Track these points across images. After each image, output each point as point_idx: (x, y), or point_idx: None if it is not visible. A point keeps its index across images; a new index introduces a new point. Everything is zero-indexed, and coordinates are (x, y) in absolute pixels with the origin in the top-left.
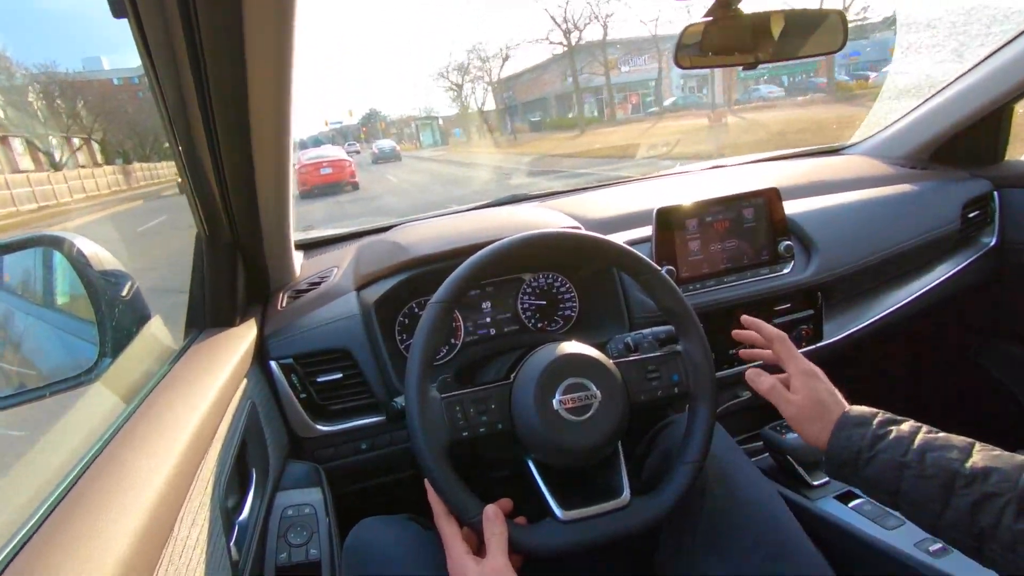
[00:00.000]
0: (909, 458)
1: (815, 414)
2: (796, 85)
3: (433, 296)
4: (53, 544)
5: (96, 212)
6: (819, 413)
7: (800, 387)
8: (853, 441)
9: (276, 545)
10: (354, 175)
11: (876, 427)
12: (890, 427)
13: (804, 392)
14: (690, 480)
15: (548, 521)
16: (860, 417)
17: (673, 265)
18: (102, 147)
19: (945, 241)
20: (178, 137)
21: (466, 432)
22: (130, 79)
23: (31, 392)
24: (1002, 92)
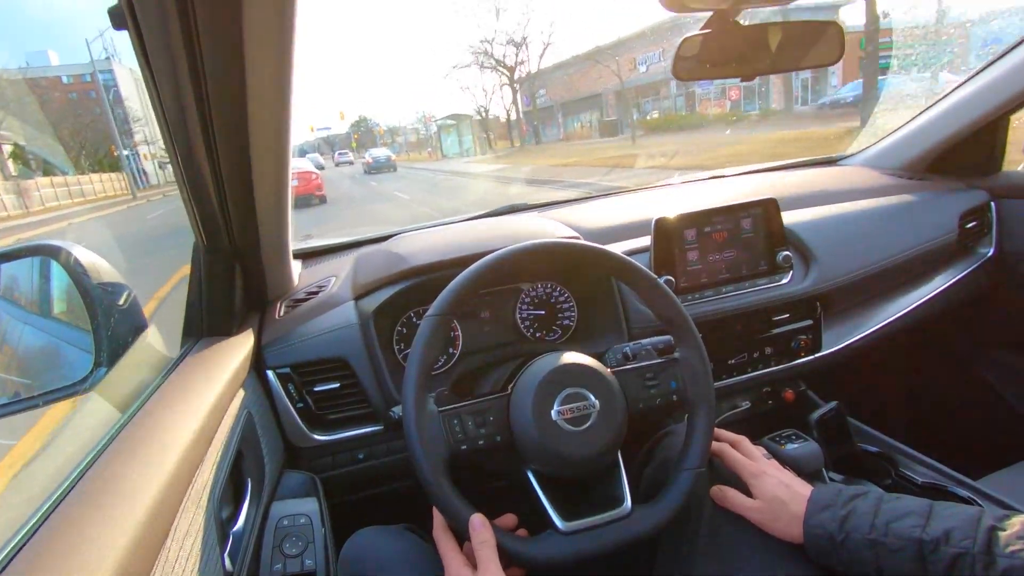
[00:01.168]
0: (876, 535)
1: (776, 513)
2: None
3: (430, 308)
4: (45, 554)
5: None
6: (780, 510)
7: (756, 491)
8: (825, 527)
9: (271, 556)
10: (321, 188)
11: (841, 507)
12: (853, 503)
13: (760, 494)
14: (691, 487)
15: (549, 533)
16: (825, 500)
17: (672, 275)
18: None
19: (943, 251)
20: (177, 146)
21: (465, 446)
22: (81, 76)
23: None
24: (999, 103)
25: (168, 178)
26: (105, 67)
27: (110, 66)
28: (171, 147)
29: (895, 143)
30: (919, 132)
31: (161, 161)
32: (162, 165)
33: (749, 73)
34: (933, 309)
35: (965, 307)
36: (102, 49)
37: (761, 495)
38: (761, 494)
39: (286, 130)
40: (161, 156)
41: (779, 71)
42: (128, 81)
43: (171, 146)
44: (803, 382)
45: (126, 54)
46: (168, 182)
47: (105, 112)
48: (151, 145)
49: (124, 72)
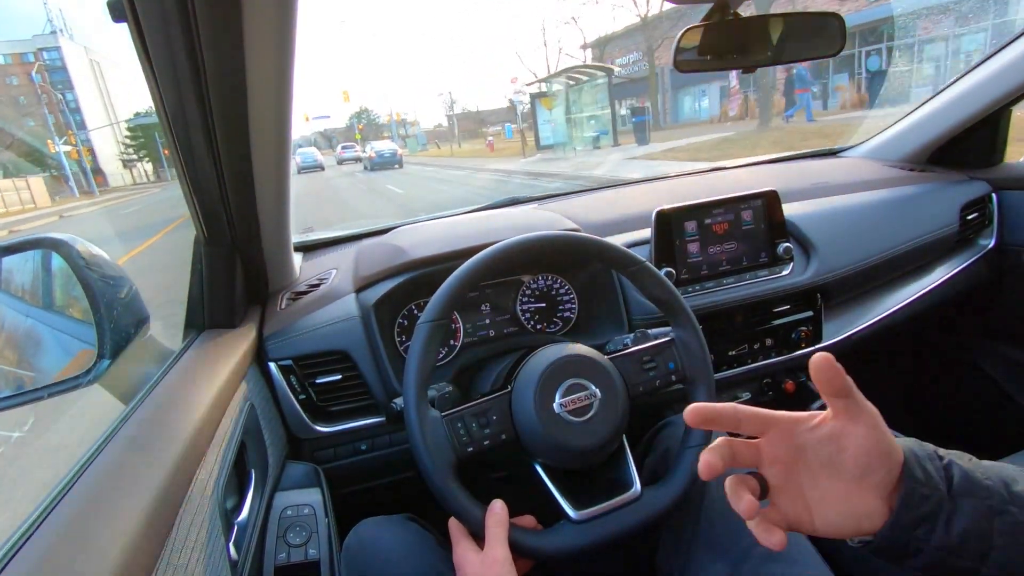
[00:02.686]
0: (996, 500)
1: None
2: None
3: (422, 315)
4: (51, 545)
5: None
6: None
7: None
8: (932, 487)
9: (275, 545)
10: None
11: (937, 459)
12: (945, 458)
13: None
14: (697, 465)
15: (563, 523)
16: (922, 450)
17: (672, 267)
18: None
19: (944, 243)
20: (177, 139)
21: (471, 448)
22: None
23: (29, 394)
24: (1001, 94)
25: (137, 179)
26: (50, 44)
27: (56, 42)
28: (171, 140)
29: (896, 135)
30: (920, 124)
31: (126, 159)
32: (128, 164)
33: (750, 65)
34: (934, 301)
35: (966, 299)
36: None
37: (857, 420)
38: (857, 418)
39: (287, 122)
40: (126, 153)
41: (780, 63)
42: (80, 61)
43: (171, 139)
44: (803, 373)
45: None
46: (135, 184)
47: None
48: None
49: (76, 51)
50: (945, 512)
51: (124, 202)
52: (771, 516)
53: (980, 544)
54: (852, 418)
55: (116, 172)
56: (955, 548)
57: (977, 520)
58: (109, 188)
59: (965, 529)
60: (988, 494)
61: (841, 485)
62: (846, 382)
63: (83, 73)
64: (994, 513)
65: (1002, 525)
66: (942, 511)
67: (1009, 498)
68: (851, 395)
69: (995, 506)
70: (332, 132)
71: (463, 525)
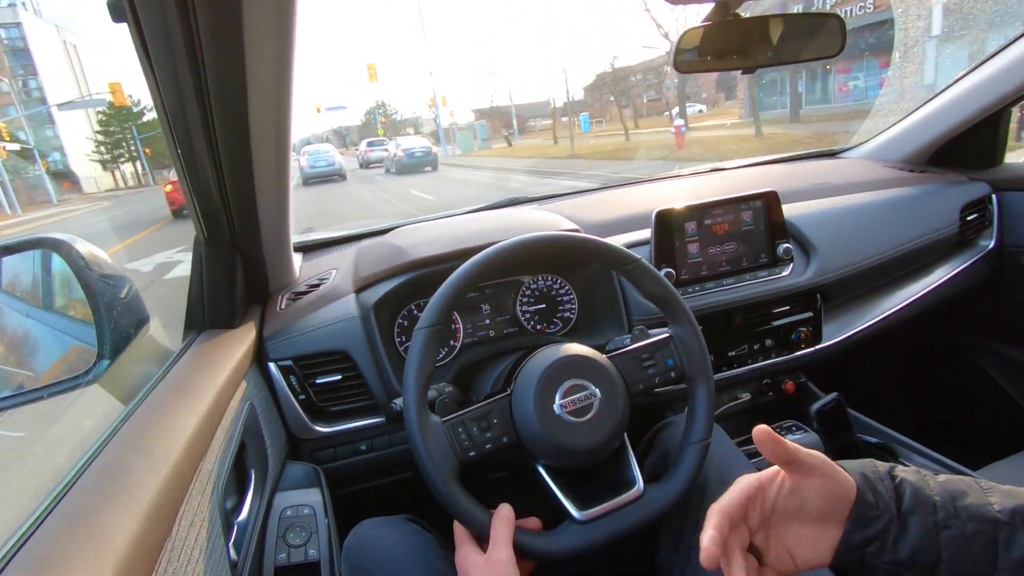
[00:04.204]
0: (941, 515)
1: (840, 501)
2: None
3: (419, 321)
4: (51, 545)
5: None
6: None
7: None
8: (881, 508)
9: (275, 546)
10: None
11: (888, 479)
12: (897, 477)
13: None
14: (700, 460)
15: (567, 524)
16: (872, 473)
17: (672, 267)
18: None
19: (944, 244)
20: (177, 139)
21: (473, 452)
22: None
23: (29, 394)
24: (1000, 95)
25: (121, 182)
26: (7, 19)
27: (16, 17)
28: (171, 140)
29: (896, 136)
30: (920, 125)
31: (100, 159)
32: (108, 165)
33: (750, 65)
34: (934, 301)
35: (966, 299)
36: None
37: (811, 474)
38: (810, 472)
39: (287, 122)
40: (97, 152)
41: (780, 63)
42: (49, 41)
43: (171, 139)
44: (803, 374)
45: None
46: (114, 189)
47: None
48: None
49: (44, 30)
50: (893, 530)
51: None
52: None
53: (928, 557)
54: (804, 474)
55: (95, 175)
56: (905, 563)
57: (924, 536)
58: (82, 195)
59: (913, 546)
60: (934, 510)
61: (809, 528)
62: (787, 448)
63: (53, 56)
64: (940, 528)
65: (946, 538)
66: (891, 530)
67: (954, 512)
68: (795, 458)
69: (940, 521)
70: (345, 129)
71: (467, 529)
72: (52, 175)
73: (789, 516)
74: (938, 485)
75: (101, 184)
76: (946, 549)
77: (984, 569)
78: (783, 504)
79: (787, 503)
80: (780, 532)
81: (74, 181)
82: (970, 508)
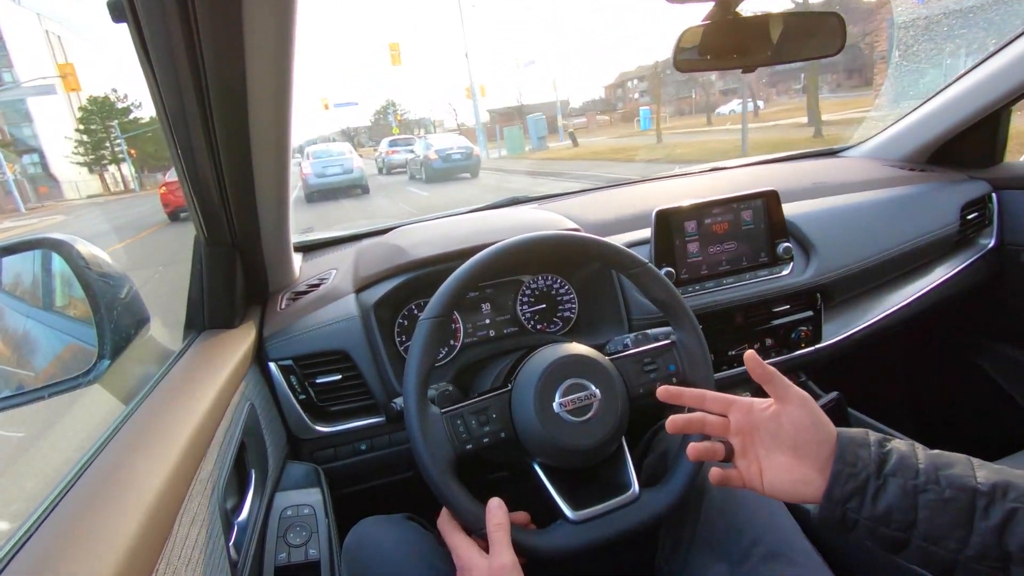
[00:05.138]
0: (922, 479)
1: (799, 438)
2: None
3: (424, 312)
4: (52, 545)
5: None
6: (805, 434)
7: (781, 396)
8: (860, 466)
9: (275, 545)
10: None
11: (876, 447)
12: (888, 446)
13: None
14: (696, 468)
15: (560, 523)
16: (859, 437)
17: (672, 267)
18: None
19: (944, 243)
20: (177, 139)
21: (470, 445)
22: None
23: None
24: (1000, 94)
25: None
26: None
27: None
28: (171, 140)
29: (896, 134)
30: (920, 123)
31: (80, 161)
32: (94, 168)
33: (750, 64)
34: (934, 300)
35: (966, 298)
36: None
37: (787, 400)
38: (786, 398)
39: (287, 121)
40: (77, 152)
41: (780, 62)
42: (27, 31)
43: (171, 139)
44: (804, 373)
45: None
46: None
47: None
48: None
49: (21, 17)
50: (872, 488)
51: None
52: (731, 475)
53: (904, 516)
54: (784, 400)
55: (79, 178)
56: (882, 519)
57: (901, 496)
58: (57, 202)
59: (889, 504)
60: (916, 475)
61: (783, 456)
62: (767, 370)
63: (31, 48)
64: (918, 491)
65: (924, 501)
66: (869, 488)
67: (936, 479)
68: (773, 380)
69: (920, 485)
70: (353, 130)
71: (459, 521)
72: (30, 179)
73: (769, 438)
74: (926, 456)
75: (84, 189)
76: (922, 510)
77: (958, 533)
78: (765, 425)
79: (767, 425)
80: (759, 452)
81: (53, 186)
82: (952, 476)
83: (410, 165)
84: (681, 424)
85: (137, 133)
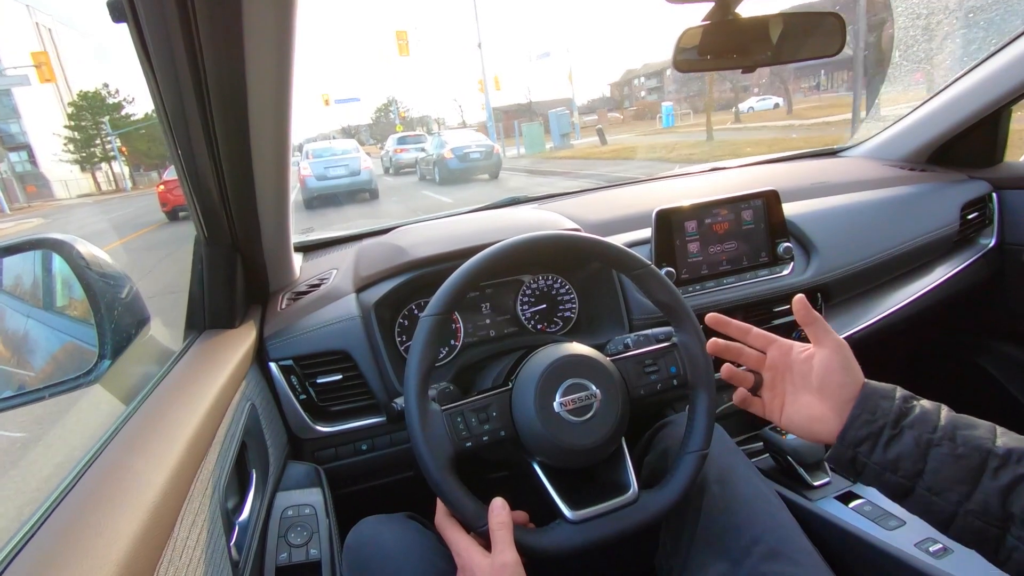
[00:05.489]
0: (938, 435)
1: (827, 377)
2: None
3: (426, 308)
4: (53, 545)
5: None
6: (832, 376)
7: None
8: (879, 414)
9: (276, 545)
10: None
11: (900, 401)
12: (913, 402)
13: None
14: (696, 470)
15: (559, 523)
16: (884, 390)
17: (672, 267)
18: None
19: (944, 242)
20: (177, 139)
21: (469, 443)
22: None
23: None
24: (1000, 94)
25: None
26: None
27: None
28: (171, 140)
29: (897, 134)
30: (921, 123)
31: (69, 159)
32: (86, 167)
33: (749, 64)
34: (934, 300)
35: (966, 298)
36: None
37: (824, 344)
38: (823, 342)
39: (287, 121)
40: (67, 149)
41: (780, 63)
42: (15, 23)
43: (171, 139)
44: None
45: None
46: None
47: None
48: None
49: (7, 7)
50: (886, 436)
51: None
52: (754, 402)
53: (912, 465)
54: (820, 342)
55: (73, 177)
56: (890, 465)
57: (913, 447)
58: (44, 202)
59: (899, 452)
60: (933, 431)
61: (807, 395)
62: (811, 313)
63: (20, 39)
64: (931, 444)
65: (935, 454)
66: (883, 435)
67: (951, 436)
68: (816, 324)
69: (934, 439)
70: (354, 129)
71: (457, 518)
72: (19, 178)
73: (799, 377)
74: (950, 416)
75: (74, 188)
76: (931, 462)
77: (962, 488)
78: (799, 366)
79: (801, 367)
80: (787, 389)
81: (42, 185)
82: (969, 437)
83: (421, 165)
84: (722, 348)
85: (128, 130)
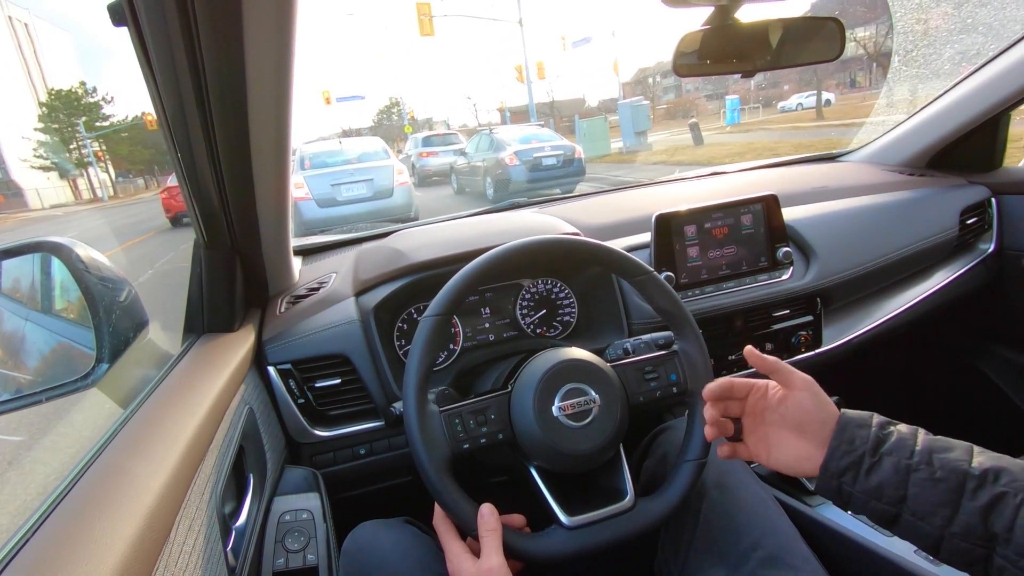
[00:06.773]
0: (916, 460)
1: (802, 419)
2: None
3: (427, 309)
4: (49, 549)
5: None
6: (806, 416)
7: (788, 382)
8: (857, 443)
9: (273, 550)
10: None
11: (877, 428)
12: (889, 428)
13: (791, 385)
14: (693, 478)
15: (554, 528)
16: (860, 418)
17: (672, 271)
18: None
19: (943, 247)
20: (177, 143)
21: (467, 444)
22: None
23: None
24: (1000, 99)
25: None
26: None
27: None
28: (171, 144)
29: (896, 139)
30: (920, 128)
31: (38, 165)
32: (65, 174)
33: (749, 69)
34: (934, 305)
35: (965, 303)
36: None
37: (792, 386)
38: (791, 384)
39: (286, 125)
40: (37, 155)
41: (780, 67)
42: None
43: (171, 143)
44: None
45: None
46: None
47: None
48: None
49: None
50: (867, 464)
51: None
52: (739, 448)
53: (894, 492)
54: (789, 385)
55: (49, 185)
56: (874, 493)
57: (893, 473)
58: (12, 213)
59: (881, 480)
60: (910, 455)
61: (788, 434)
62: (767, 362)
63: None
64: (910, 470)
65: (915, 479)
66: (863, 463)
67: (929, 460)
68: (779, 369)
69: (912, 464)
70: (355, 131)
71: (453, 521)
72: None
73: (778, 418)
74: (926, 440)
75: (47, 198)
76: (912, 487)
77: (945, 511)
78: (774, 408)
79: (777, 407)
80: (767, 431)
81: (13, 194)
82: (946, 460)
83: (458, 173)
84: (714, 404)
85: (106, 132)
